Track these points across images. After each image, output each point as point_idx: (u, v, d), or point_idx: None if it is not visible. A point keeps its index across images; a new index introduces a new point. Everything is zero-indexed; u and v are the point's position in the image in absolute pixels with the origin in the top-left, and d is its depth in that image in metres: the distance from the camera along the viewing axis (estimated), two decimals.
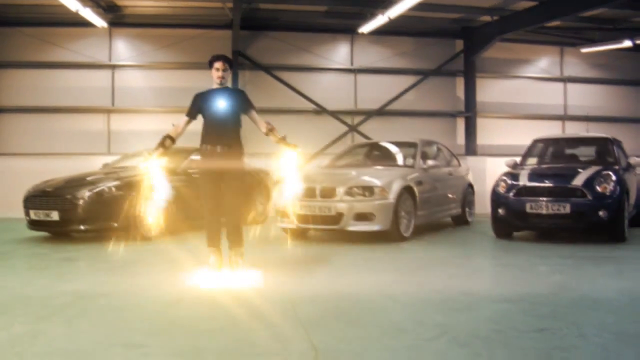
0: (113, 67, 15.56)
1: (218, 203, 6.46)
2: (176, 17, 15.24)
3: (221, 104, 6.45)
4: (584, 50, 17.27)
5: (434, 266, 7.34)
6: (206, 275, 6.25)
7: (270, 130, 6.61)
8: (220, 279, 6.13)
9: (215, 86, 6.55)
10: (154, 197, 6.42)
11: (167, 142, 6.44)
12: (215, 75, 6.53)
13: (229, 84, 6.84)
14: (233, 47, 15.22)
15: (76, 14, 13.20)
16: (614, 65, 18.19)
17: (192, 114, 6.56)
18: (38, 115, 15.24)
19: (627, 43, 15.92)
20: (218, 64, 6.52)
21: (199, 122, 6.56)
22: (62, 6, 12.70)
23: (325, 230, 9.66)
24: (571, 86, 18.05)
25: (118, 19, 15.23)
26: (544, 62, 17.93)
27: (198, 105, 6.55)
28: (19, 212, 9.97)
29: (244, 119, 6.62)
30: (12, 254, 8.44)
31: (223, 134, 6.47)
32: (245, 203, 6.77)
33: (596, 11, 14.34)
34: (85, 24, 14.24)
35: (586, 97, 17.99)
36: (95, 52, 15.57)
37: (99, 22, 14.28)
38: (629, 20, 15.56)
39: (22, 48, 15.29)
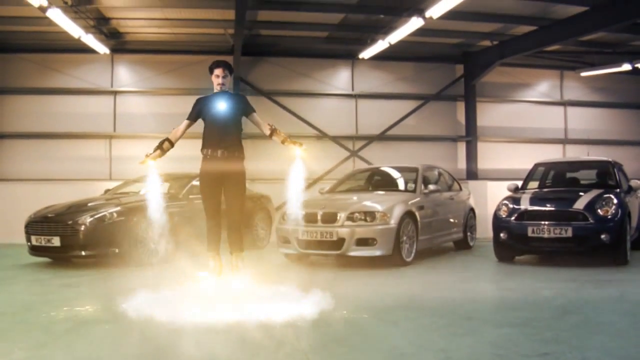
0: (115, 93, 15.64)
1: (218, 207, 6.46)
2: (178, 43, 15.35)
3: (222, 107, 6.46)
4: (584, 74, 17.34)
5: (437, 291, 7.31)
6: (207, 281, 6.24)
7: (274, 131, 6.62)
8: (221, 284, 6.13)
9: (216, 91, 6.57)
10: (155, 224, 6.43)
11: (165, 145, 6.47)
12: (215, 82, 6.56)
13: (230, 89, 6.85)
14: (235, 73, 15.24)
15: (78, 41, 13.32)
16: (613, 89, 18.25)
17: (192, 117, 6.58)
18: (40, 140, 15.29)
19: (627, 66, 15.98)
20: (218, 71, 6.55)
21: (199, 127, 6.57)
22: (64, 33, 12.81)
23: (327, 255, 9.64)
24: (571, 110, 18.10)
25: (120, 46, 15.34)
26: (544, 86, 18.00)
27: (198, 108, 6.56)
28: (20, 237, 9.98)
29: (248, 124, 6.60)
30: (13, 280, 8.42)
31: (224, 138, 6.47)
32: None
33: (595, 35, 14.43)
34: (88, 50, 14.35)
35: (586, 121, 18.03)
36: (97, 78, 15.66)
37: (101, 48, 14.40)
38: (628, 44, 15.65)
39: (25, 74, 15.38)
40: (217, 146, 6.43)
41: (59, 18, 11.60)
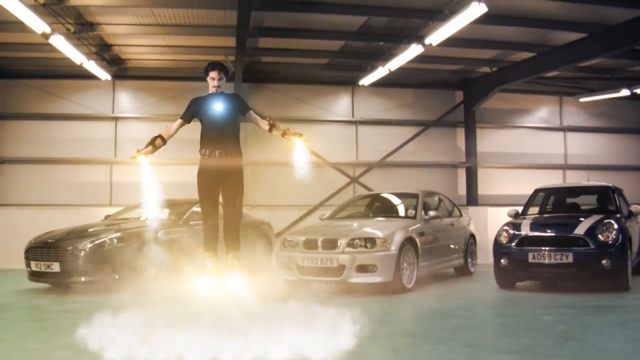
0: (116, 119, 15.71)
1: (216, 207, 6.45)
2: (178, 69, 15.45)
3: (218, 107, 6.47)
4: (583, 99, 17.44)
5: (437, 318, 7.27)
6: (204, 281, 6.21)
7: (272, 126, 6.60)
8: (218, 284, 6.09)
9: (212, 91, 6.59)
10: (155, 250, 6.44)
11: (157, 142, 6.48)
12: (210, 84, 6.58)
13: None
14: None
15: (80, 67, 13.43)
16: (612, 114, 18.33)
17: (186, 117, 6.60)
18: (40, 166, 15.33)
19: (625, 92, 16.08)
20: (214, 73, 6.56)
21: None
22: (66, 59, 12.91)
23: (327, 282, 9.59)
24: (571, 135, 18.16)
25: (122, 72, 15.44)
26: (543, 112, 18.07)
27: (194, 109, 6.58)
28: (20, 263, 9.95)
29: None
30: (12, 306, 8.38)
31: (222, 138, 6.49)
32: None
33: (594, 61, 14.53)
34: (89, 76, 14.45)
35: (586, 146, 18.08)
36: (99, 104, 15.74)
37: (103, 74, 14.50)
38: (626, 70, 15.75)
39: (26, 100, 15.48)
40: (215, 146, 6.45)
41: (62, 45, 11.71)
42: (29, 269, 9.70)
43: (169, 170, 13.69)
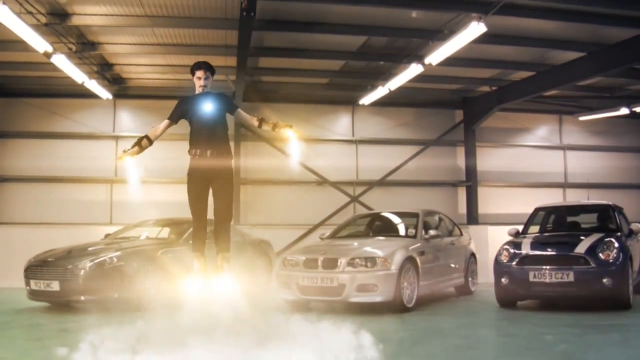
0: (117, 137, 15.73)
1: (205, 208, 6.42)
2: (179, 89, 15.44)
3: (207, 107, 6.44)
4: (582, 118, 17.49)
5: (438, 337, 7.24)
6: (192, 282, 6.17)
7: (262, 121, 6.59)
8: (206, 285, 6.06)
9: (198, 91, 6.55)
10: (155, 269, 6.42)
11: (144, 142, 6.43)
12: (197, 84, 6.53)
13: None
14: (236, 119, 15.37)
15: (82, 86, 13.49)
16: (612, 133, 18.37)
17: (173, 118, 6.55)
18: (41, 184, 15.34)
19: (624, 110, 16.13)
20: (200, 73, 6.52)
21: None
22: (68, 78, 12.98)
23: (328, 301, 9.57)
24: (571, 154, 18.18)
25: (123, 91, 15.51)
26: (543, 131, 18.11)
27: (181, 109, 6.54)
28: (19, 281, 9.92)
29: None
30: (11, 324, 8.34)
31: (211, 138, 6.46)
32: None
33: (593, 80, 14.59)
34: (91, 95, 14.52)
35: (586, 164, 18.08)
36: (100, 123, 15.79)
37: (104, 93, 14.57)
38: (625, 89, 15.82)
39: (27, 118, 15.52)
40: (205, 146, 6.41)
41: (63, 64, 11.79)
42: (28, 287, 9.67)
43: (168, 189, 13.72)
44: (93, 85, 13.68)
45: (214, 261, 6.57)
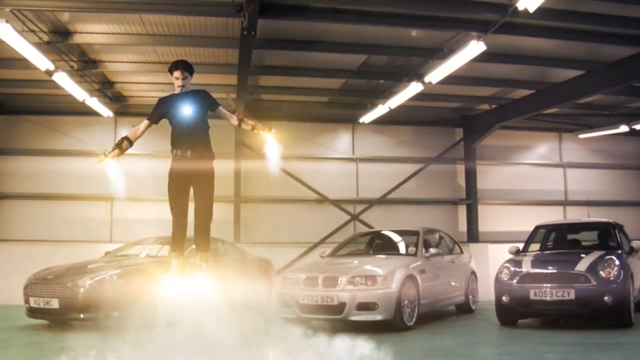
0: (124, 157, 15.70)
1: (186, 208, 6.41)
2: None
3: (187, 110, 6.40)
4: (582, 136, 17.51)
5: (439, 356, 7.21)
6: (170, 282, 6.20)
7: (241, 120, 6.54)
8: (183, 284, 6.08)
9: (177, 91, 6.52)
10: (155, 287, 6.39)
11: (124, 144, 6.45)
12: (175, 84, 6.50)
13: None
14: (236, 137, 15.47)
15: (83, 104, 13.53)
16: (612, 150, 18.38)
17: (153, 118, 6.54)
18: (41, 201, 15.32)
19: (624, 128, 16.15)
20: (177, 73, 6.48)
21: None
22: (69, 96, 13.02)
23: (328, 320, 9.53)
24: (571, 171, 18.19)
25: (123, 109, 15.54)
26: (542, 149, 18.14)
27: (161, 110, 6.52)
28: (19, 298, 9.88)
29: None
30: (9, 342, 8.31)
31: (192, 138, 6.44)
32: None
33: (592, 98, 14.63)
34: (92, 113, 14.55)
35: (586, 182, 18.09)
36: (100, 141, 15.73)
37: (105, 111, 14.62)
38: (625, 106, 15.86)
39: (28, 135, 15.55)
40: (185, 147, 6.40)
41: (65, 81, 11.83)
42: (27, 305, 9.63)
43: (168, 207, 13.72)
44: (94, 103, 13.72)
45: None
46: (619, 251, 9.83)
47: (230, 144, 15.57)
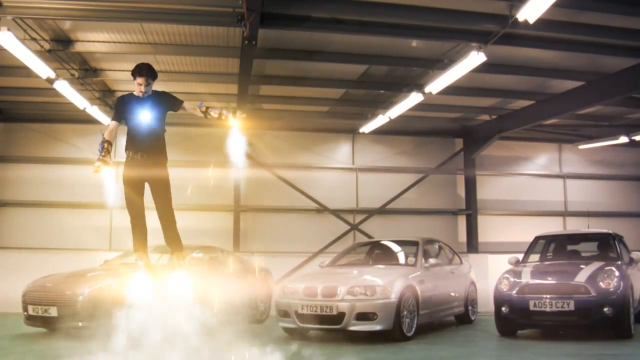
0: (117, 163, 15.69)
1: (142, 208, 6.39)
2: (180, 116, 15.54)
3: (145, 116, 6.31)
4: (582, 146, 17.53)
5: None
6: (138, 279, 6.30)
7: (206, 109, 6.48)
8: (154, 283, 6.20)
9: (138, 95, 6.38)
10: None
11: (110, 148, 6.21)
12: (137, 89, 6.36)
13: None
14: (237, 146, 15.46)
15: (83, 112, 13.55)
16: (611, 161, 18.39)
17: (118, 119, 6.39)
18: (41, 209, 15.34)
19: (624, 139, 16.17)
20: (141, 80, 6.31)
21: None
22: (70, 104, 13.04)
23: (327, 329, 9.51)
24: (570, 182, 18.19)
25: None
26: (542, 159, 18.15)
27: (122, 110, 6.38)
28: (17, 306, 9.86)
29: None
30: (7, 351, 8.28)
31: (146, 142, 6.39)
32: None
33: (592, 109, 14.66)
34: (92, 121, 14.54)
35: (586, 193, 18.09)
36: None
37: (106, 120, 14.59)
38: (624, 117, 15.87)
39: (28, 143, 15.57)
40: (137, 149, 6.34)
41: (66, 90, 11.87)
42: (26, 313, 9.61)
43: None
44: (95, 111, 13.74)
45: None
46: (619, 262, 9.82)
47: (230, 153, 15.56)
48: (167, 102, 6.59)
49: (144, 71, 6.33)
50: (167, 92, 6.72)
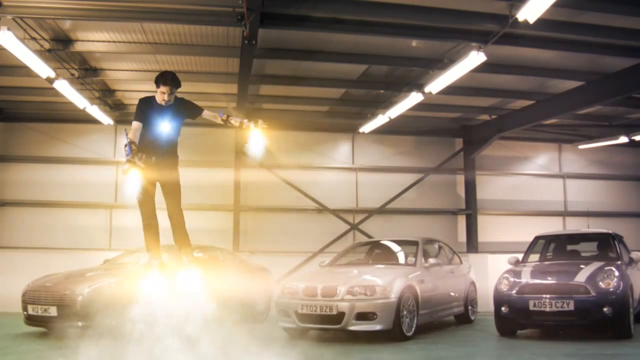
0: (117, 163, 15.77)
1: (154, 208, 6.38)
2: None
3: (165, 127, 6.29)
4: (582, 146, 17.54)
5: None
6: (152, 279, 6.31)
7: (227, 118, 6.41)
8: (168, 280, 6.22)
9: (159, 102, 6.31)
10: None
11: (136, 148, 5.98)
12: (159, 98, 6.27)
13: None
14: (236, 146, 15.50)
15: (83, 111, 13.57)
16: (611, 161, 18.41)
17: (142, 120, 6.27)
18: (41, 209, 15.35)
19: (624, 139, 16.17)
20: (165, 89, 6.21)
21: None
22: (70, 104, 13.05)
23: (327, 329, 9.50)
24: (570, 182, 18.20)
25: (124, 117, 15.53)
26: (542, 159, 18.15)
27: (143, 112, 6.29)
28: (17, 306, 9.86)
29: None
30: (6, 350, 8.28)
31: (162, 148, 6.37)
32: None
33: (592, 109, 14.67)
34: (92, 121, 14.58)
35: (586, 193, 18.11)
36: (100, 149, 15.83)
37: (105, 119, 14.64)
38: (624, 117, 15.87)
39: (28, 143, 15.58)
40: (154, 153, 6.25)
41: (66, 89, 11.87)
42: (25, 312, 9.60)
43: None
44: (94, 111, 13.75)
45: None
46: (619, 262, 9.81)
47: (230, 153, 15.61)
48: (187, 111, 6.54)
49: (169, 80, 6.22)
50: (188, 100, 6.67)
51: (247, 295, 11.30)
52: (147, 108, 6.33)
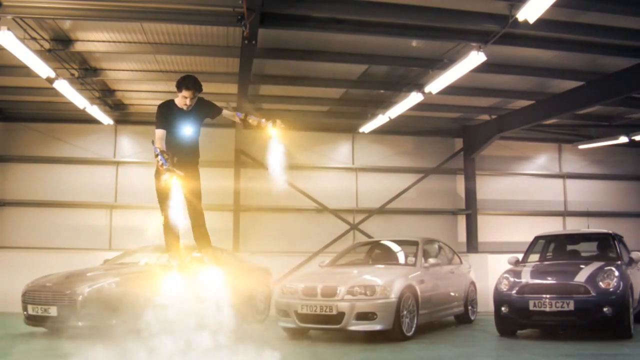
0: (117, 163, 15.77)
1: (179, 211, 6.38)
2: None
3: (188, 131, 6.31)
4: (582, 146, 17.53)
5: None
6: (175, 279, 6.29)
7: (246, 116, 6.50)
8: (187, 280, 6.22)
9: (180, 106, 6.30)
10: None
11: (168, 156, 6.00)
12: (181, 102, 6.26)
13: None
14: (236, 146, 15.51)
15: (83, 111, 13.58)
16: (611, 161, 18.42)
17: (165, 127, 6.29)
18: (41, 209, 15.35)
19: (623, 139, 16.17)
20: (187, 93, 6.20)
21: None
22: (70, 103, 13.05)
23: (326, 329, 9.50)
24: (570, 182, 18.20)
25: (124, 117, 15.57)
26: (542, 159, 18.16)
27: (165, 117, 6.29)
28: (17, 306, 9.85)
29: None
30: (6, 350, 8.26)
31: (184, 150, 6.36)
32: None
33: (592, 109, 14.68)
34: (92, 121, 14.59)
35: (586, 193, 18.10)
36: (101, 149, 15.83)
37: (106, 119, 14.64)
38: (624, 117, 15.88)
39: (28, 143, 15.58)
40: (176, 155, 6.20)
41: (66, 89, 11.87)
42: (25, 312, 9.61)
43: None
44: (94, 111, 13.76)
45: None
46: (619, 262, 9.81)
47: (230, 153, 15.61)
48: (207, 112, 6.59)
49: (191, 85, 6.20)
50: (207, 100, 6.68)
51: (247, 295, 11.29)
52: (168, 113, 6.33)
